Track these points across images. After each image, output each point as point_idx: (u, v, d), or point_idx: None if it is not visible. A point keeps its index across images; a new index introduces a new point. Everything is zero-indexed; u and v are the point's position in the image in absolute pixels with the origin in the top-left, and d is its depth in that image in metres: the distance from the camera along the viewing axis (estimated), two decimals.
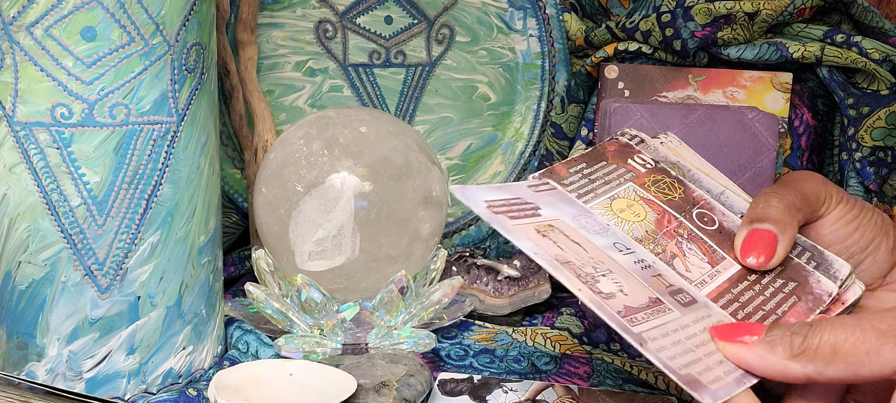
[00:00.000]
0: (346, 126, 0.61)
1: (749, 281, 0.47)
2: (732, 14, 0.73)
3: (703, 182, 0.53)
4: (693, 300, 0.45)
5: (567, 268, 0.42)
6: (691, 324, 0.42)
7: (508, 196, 0.47)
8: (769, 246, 0.47)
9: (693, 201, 0.52)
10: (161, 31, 0.49)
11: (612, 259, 0.45)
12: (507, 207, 0.46)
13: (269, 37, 0.75)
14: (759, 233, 0.47)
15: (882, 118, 0.74)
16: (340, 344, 0.60)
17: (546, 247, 0.43)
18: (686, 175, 0.53)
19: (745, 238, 0.48)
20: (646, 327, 0.41)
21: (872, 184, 0.75)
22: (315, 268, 0.60)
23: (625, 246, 0.46)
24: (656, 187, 0.51)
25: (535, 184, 0.49)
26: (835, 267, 0.48)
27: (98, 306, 0.51)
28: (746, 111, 0.70)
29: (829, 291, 0.47)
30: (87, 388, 0.52)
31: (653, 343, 0.40)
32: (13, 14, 0.47)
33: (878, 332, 0.38)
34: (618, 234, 0.47)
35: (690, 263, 0.47)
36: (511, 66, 0.79)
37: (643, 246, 0.47)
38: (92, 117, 0.49)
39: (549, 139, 0.79)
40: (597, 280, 0.42)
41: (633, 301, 0.42)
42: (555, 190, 0.49)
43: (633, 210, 0.49)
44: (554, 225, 0.46)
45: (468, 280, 0.70)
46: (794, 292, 0.47)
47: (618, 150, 0.54)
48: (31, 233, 0.50)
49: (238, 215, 0.76)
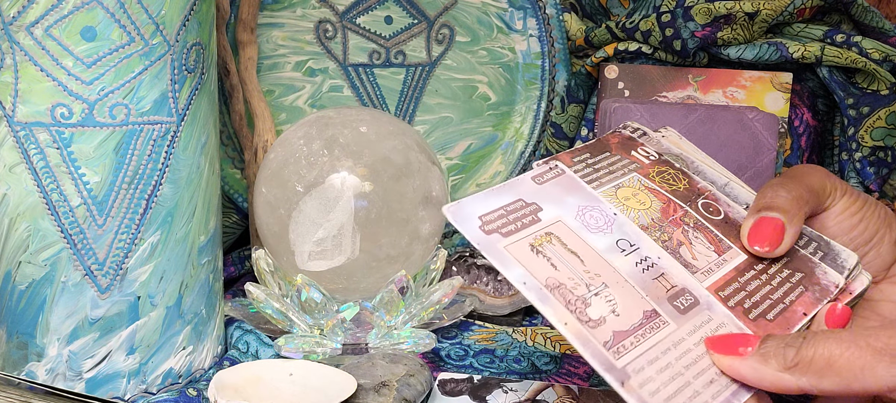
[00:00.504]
0: (346, 126, 0.61)
1: (756, 271, 0.47)
2: (732, 14, 0.73)
3: (706, 173, 0.53)
4: (695, 301, 0.44)
5: (557, 295, 0.41)
6: (686, 337, 0.42)
7: (508, 199, 0.46)
8: (776, 234, 0.47)
9: (698, 191, 0.51)
10: (161, 31, 0.49)
11: (611, 266, 0.44)
12: (504, 218, 0.45)
13: (269, 37, 0.75)
14: (766, 221, 0.47)
15: (882, 118, 0.74)
16: (340, 344, 0.60)
17: (538, 269, 0.42)
18: (690, 167, 0.53)
19: (752, 225, 0.48)
20: (633, 355, 0.40)
21: (872, 183, 0.75)
22: (315, 268, 0.60)
23: (629, 243, 0.46)
24: (661, 178, 0.51)
25: (541, 170, 0.48)
26: (842, 257, 0.48)
27: (98, 306, 0.51)
28: (746, 111, 0.70)
29: (836, 282, 0.47)
30: (87, 388, 0.52)
31: (637, 376, 0.39)
32: (13, 14, 0.47)
33: (873, 349, 0.38)
34: (624, 226, 0.47)
35: (697, 251, 0.47)
36: (511, 65, 0.79)
37: (649, 235, 0.47)
38: (92, 117, 0.49)
39: (549, 139, 0.79)
40: (588, 303, 0.41)
41: (625, 321, 0.41)
42: (563, 175, 0.49)
43: (639, 198, 0.49)
44: (552, 232, 0.45)
45: (468, 280, 0.70)
46: (801, 282, 0.47)
47: (621, 142, 0.53)
48: (31, 233, 0.50)
49: (238, 215, 0.76)
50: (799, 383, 0.39)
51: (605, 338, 0.40)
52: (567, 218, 0.46)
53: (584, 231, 0.46)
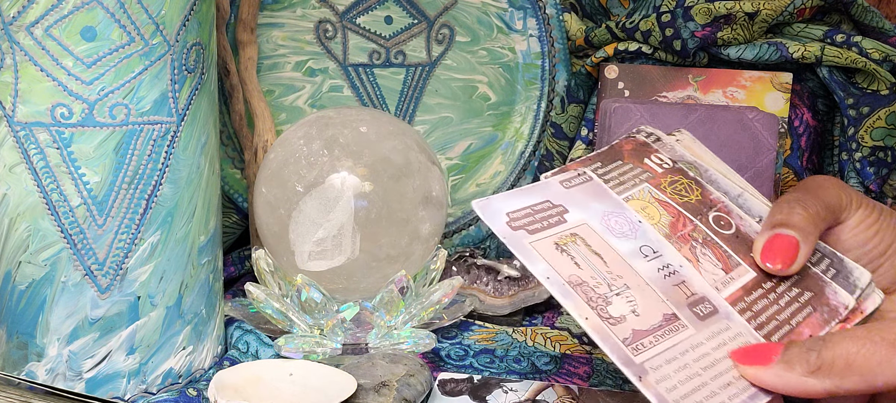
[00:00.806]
0: (346, 126, 0.61)
1: (764, 289, 0.46)
2: (732, 14, 0.73)
3: (720, 183, 0.52)
4: (714, 310, 0.44)
5: (579, 291, 0.42)
6: (705, 342, 0.42)
7: (536, 200, 0.46)
8: (790, 252, 0.46)
9: (710, 203, 0.50)
10: (161, 31, 0.49)
11: (633, 269, 0.44)
12: (530, 217, 0.45)
13: (269, 37, 0.75)
14: (781, 238, 0.46)
15: (882, 118, 0.74)
16: (340, 344, 0.60)
17: (562, 266, 0.43)
18: (703, 175, 0.53)
19: (766, 242, 0.47)
20: (651, 353, 0.40)
21: (872, 184, 0.75)
22: (315, 268, 0.60)
23: (652, 250, 0.46)
24: (672, 188, 0.51)
25: (569, 175, 0.49)
26: (854, 275, 0.48)
27: (98, 306, 0.51)
28: (746, 111, 0.70)
29: (846, 303, 0.46)
30: (87, 388, 0.52)
31: (654, 372, 0.39)
32: (13, 14, 0.47)
33: (887, 343, 0.39)
34: (648, 233, 0.47)
35: (704, 269, 0.46)
36: (511, 65, 0.79)
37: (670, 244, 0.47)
38: (92, 117, 0.49)
39: (549, 139, 0.79)
40: (609, 302, 0.42)
41: (645, 321, 0.42)
42: (590, 181, 0.49)
43: (648, 212, 0.48)
44: (577, 233, 0.45)
45: (468, 280, 0.70)
46: (810, 302, 0.46)
47: (634, 149, 0.53)
48: (31, 233, 0.50)
49: (238, 215, 0.76)
50: (824, 385, 0.39)
51: (624, 335, 0.41)
52: (592, 222, 0.46)
53: (608, 234, 0.46)
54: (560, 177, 0.49)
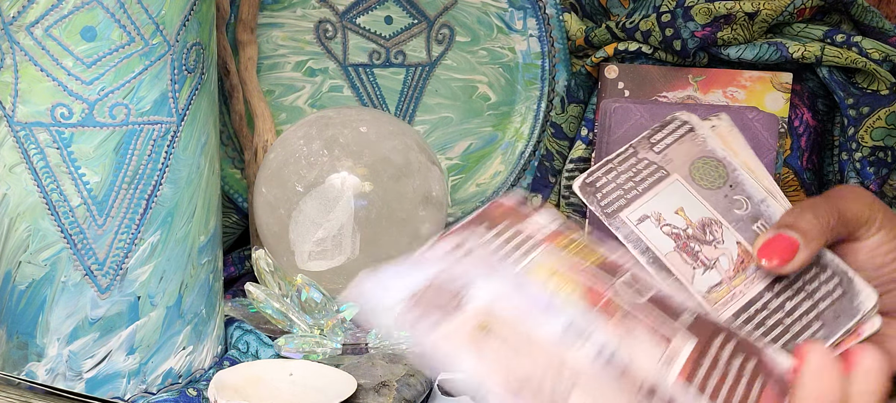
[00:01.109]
0: (346, 126, 0.61)
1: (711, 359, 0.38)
2: (732, 14, 0.73)
3: (745, 185, 0.48)
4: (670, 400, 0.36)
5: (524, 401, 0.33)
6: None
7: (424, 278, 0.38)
8: (789, 251, 0.45)
9: (614, 268, 0.40)
10: (161, 31, 0.49)
11: (569, 362, 0.35)
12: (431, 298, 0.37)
13: (269, 37, 0.75)
14: (781, 238, 0.45)
15: (882, 118, 0.74)
16: (340, 344, 0.60)
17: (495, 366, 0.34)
18: (730, 176, 0.48)
19: (767, 239, 0.46)
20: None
21: (872, 184, 0.75)
22: (315, 268, 0.60)
23: (578, 331, 0.36)
24: (574, 250, 0.41)
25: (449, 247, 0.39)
26: (860, 297, 0.46)
27: (98, 306, 0.51)
28: (746, 111, 0.70)
29: (788, 366, 0.38)
30: (87, 388, 0.52)
31: None
32: (13, 14, 0.47)
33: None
34: (567, 310, 0.37)
35: (640, 346, 0.37)
36: (511, 66, 0.79)
37: None
38: (92, 117, 0.49)
39: (549, 139, 0.79)
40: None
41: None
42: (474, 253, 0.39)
43: (556, 282, 0.38)
44: (487, 323, 0.36)
45: None
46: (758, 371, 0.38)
47: (506, 212, 0.42)
48: (31, 233, 0.50)
49: (238, 215, 0.76)
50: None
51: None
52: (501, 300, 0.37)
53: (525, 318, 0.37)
54: (440, 247, 0.39)
